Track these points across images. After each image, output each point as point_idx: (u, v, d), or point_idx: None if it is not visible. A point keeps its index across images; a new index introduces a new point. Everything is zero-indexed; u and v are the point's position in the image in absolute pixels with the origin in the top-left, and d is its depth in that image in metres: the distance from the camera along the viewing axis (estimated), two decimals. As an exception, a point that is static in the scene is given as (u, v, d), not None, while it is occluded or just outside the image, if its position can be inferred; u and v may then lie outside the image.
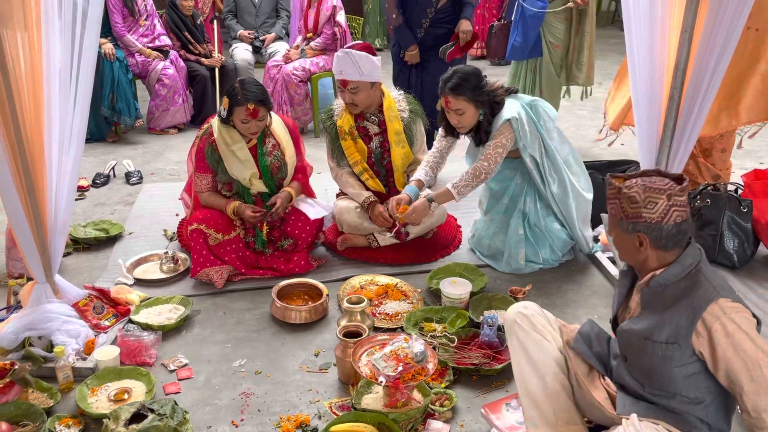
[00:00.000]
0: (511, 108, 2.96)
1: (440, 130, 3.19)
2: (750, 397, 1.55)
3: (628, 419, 1.70)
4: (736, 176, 3.87)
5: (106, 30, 4.96)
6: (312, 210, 3.24)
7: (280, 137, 3.15)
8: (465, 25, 4.09)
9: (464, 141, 3.24)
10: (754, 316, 1.65)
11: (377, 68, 3.18)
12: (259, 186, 3.14)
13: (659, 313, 1.70)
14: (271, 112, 3.12)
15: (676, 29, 2.95)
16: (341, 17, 5.17)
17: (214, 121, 3.10)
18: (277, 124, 3.19)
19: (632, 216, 1.69)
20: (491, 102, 2.96)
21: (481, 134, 3.02)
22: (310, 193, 3.38)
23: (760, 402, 1.54)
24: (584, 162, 3.31)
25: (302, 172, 3.32)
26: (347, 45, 3.25)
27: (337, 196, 3.51)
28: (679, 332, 1.65)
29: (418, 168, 3.20)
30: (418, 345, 2.19)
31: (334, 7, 5.15)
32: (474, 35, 4.14)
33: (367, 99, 3.22)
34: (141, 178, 4.38)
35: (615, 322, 1.89)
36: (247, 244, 3.15)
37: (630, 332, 1.76)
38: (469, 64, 3.02)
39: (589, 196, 3.21)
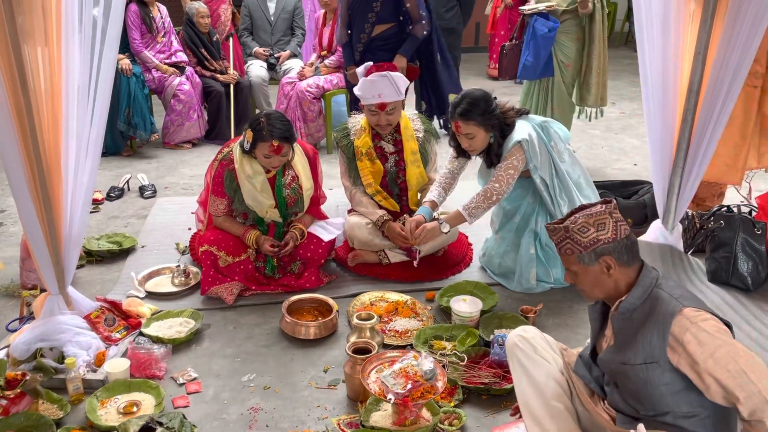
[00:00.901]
0: (522, 130, 2.96)
1: (451, 151, 3.20)
2: (746, 405, 1.55)
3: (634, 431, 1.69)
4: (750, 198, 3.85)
5: (124, 46, 5.05)
6: (324, 232, 3.24)
7: (299, 171, 3.13)
8: (396, 61, 3.86)
9: (475, 160, 3.24)
10: (728, 325, 1.66)
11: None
12: (273, 215, 3.15)
13: (632, 337, 1.72)
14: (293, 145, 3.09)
15: (690, 51, 2.95)
16: (355, 36, 5.22)
17: (236, 149, 3.06)
18: (298, 155, 3.15)
19: (590, 244, 1.74)
20: (502, 124, 2.97)
21: (492, 156, 3.02)
22: (322, 217, 3.37)
23: (756, 409, 1.54)
24: (596, 182, 3.30)
25: (316, 203, 3.31)
26: (365, 66, 3.25)
27: (349, 211, 3.52)
28: (653, 351, 1.66)
29: (430, 188, 3.21)
30: (427, 363, 2.18)
31: (349, 25, 5.20)
32: (412, 71, 3.86)
33: (398, 116, 3.24)
34: (155, 192, 4.42)
35: (594, 353, 1.90)
36: (257, 268, 3.15)
37: (608, 361, 1.80)
38: (478, 88, 3.00)
39: None
